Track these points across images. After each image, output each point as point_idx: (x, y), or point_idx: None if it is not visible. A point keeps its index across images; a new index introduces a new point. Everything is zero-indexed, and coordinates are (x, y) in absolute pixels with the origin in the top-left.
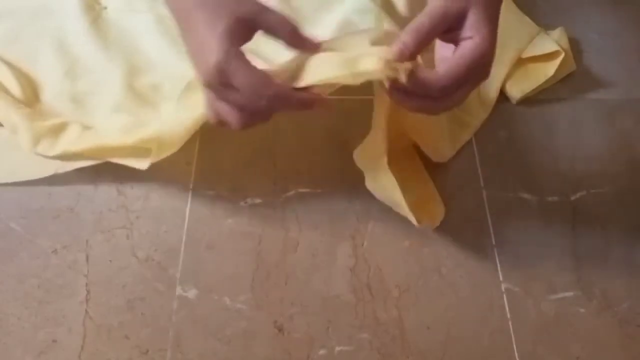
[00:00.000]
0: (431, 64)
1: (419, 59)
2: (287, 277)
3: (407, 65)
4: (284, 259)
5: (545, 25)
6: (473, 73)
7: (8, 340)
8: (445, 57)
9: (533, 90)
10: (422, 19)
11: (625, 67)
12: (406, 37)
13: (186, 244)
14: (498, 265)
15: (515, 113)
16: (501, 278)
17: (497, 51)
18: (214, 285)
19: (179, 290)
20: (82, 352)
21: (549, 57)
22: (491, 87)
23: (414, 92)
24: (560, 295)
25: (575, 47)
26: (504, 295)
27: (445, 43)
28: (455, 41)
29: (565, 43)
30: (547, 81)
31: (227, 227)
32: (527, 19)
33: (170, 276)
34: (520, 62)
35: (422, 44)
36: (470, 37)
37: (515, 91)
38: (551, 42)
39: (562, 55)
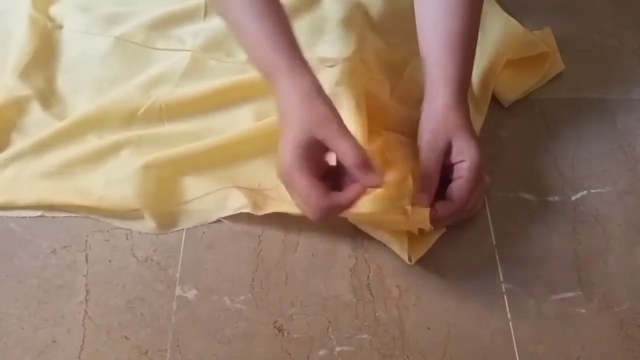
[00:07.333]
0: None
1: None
2: (287, 277)
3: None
4: (284, 259)
5: (543, 25)
6: (478, 184)
7: (8, 340)
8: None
9: (523, 92)
10: (425, 175)
11: (625, 67)
12: (425, 197)
13: (186, 244)
14: (499, 265)
15: (515, 113)
16: (502, 278)
17: (486, 56)
18: (214, 286)
19: (178, 291)
20: (81, 352)
21: (537, 58)
22: (483, 92)
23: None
24: (561, 295)
25: (575, 47)
26: (505, 296)
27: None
28: (448, 166)
29: (552, 43)
30: (536, 82)
31: (227, 227)
32: (513, 20)
33: (169, 276)
34: (508, 65)
35: (433, 191)
36: (463, 160)
37: (506, 95)
38: (539, 43)
39: (551, 57)
